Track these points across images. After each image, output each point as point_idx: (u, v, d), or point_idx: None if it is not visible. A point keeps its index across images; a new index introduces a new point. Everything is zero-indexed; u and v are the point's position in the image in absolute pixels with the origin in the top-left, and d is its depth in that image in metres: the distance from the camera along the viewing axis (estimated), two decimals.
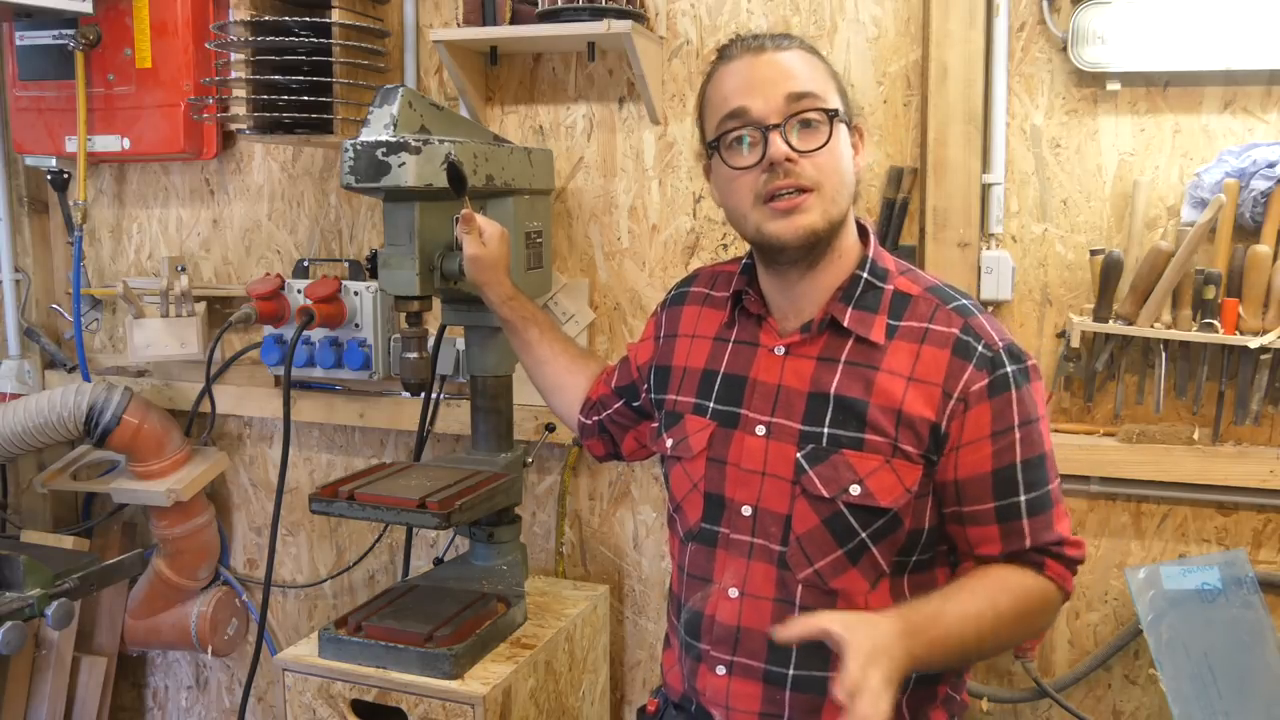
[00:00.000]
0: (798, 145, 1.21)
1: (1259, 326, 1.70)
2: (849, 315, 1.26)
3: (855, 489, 1.21)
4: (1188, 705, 1.71)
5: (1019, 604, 1.21)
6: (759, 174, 1.22)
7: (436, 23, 2.19)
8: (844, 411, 1.23)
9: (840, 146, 1.24)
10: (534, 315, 1.63)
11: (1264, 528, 1.82)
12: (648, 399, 1.50)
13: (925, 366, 1.22)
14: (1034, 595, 1.23)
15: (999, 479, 1.22)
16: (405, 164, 1.54)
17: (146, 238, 2.53)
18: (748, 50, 1.25)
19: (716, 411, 1.33)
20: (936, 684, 1.29)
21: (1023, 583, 1.23)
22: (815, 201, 1.22)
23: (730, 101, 1.24)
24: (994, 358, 1.21)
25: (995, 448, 1.21)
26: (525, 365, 1.67)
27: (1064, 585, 1.25)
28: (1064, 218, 1.86)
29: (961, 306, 1.26)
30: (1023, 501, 1.22)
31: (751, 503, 1.27)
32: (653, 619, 2.21)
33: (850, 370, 1.25)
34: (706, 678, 1.31)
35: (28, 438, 2.26)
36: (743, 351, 1.34)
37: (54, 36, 2.33)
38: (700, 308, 1.44)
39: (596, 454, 1.64)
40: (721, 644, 1.29)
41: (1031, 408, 1.23)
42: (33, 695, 2.37)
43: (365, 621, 1.73)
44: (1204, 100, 1.77)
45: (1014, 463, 1.22)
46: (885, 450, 1.21)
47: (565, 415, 1.66)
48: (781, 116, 1.21)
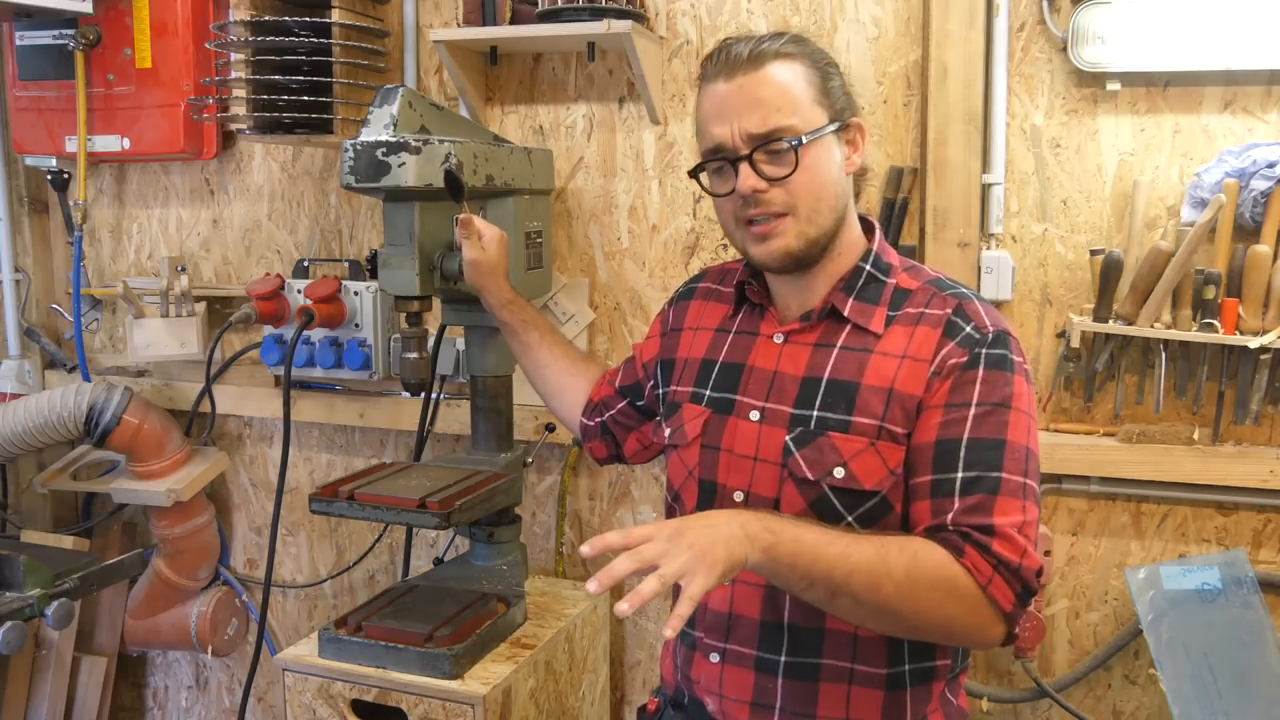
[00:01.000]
0: (767, 173, 1.22)
1: (1259, 326, 1.70)
2: (850, 305, 1.27)
3: (839, 471, 1.20)
4: (1188, 705, 1.71)
5: (910, 568, 1.09)
6: (736, 199, 1.24)
7: (436, 23, 2.19)
8: (835, 394, 1.23)
9: (817, 165, 1.23)
10: (533, 319, 1.64)
11: (1264, 528, 1.82)
12: (653, 396, 1.50)
13: (917, 345, 1.22)
14: (935, 571, 1.10)
15: (940, 449, 1.17)
16: (405, 164, 1.54)
17: (146, 238, 2.53)
18: (720, 73, 1.24)
19: (712, 399, 1.34)
20: (931, 681, 1.27)
21: (926, 552, 1.11)
22: (790, 225, 1.23)
23: (705, 132, 1.26)
24: (978, 339, 1.20)
25: (945, 418, 1.18)
26: (525, 369, 1.67)
27: (985, 585, 1.10)
28: (1064, 218, 1.86)
29: (959, 293, 1.26)
30: (959, 479, 1.15)
31: (743, 488, 1.28)
32: (653, 619, 2.21)
33: (845, 354, 1.26)
34: (700, 665, 1.32)
35: (28, 438, 2.26)
36: (742, 341, 1.36)
37: (54, 36, 2.33)
38: (705, 301, 1.46)
39: (599, 456, 1.65)
40: (714, 631, 1.30)
41: (1000, 392, 1.17)
42: (33, 695, 2.37)
43: (365, 621, 1.73)
44: (1204, 100, 1.77)
45: (960, 437, 1.16)
46: (870, 432, 1.20)
47: (566, 418, 1.67)
48: (749, 147, 1.22)
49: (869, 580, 1.08)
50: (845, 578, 1.08)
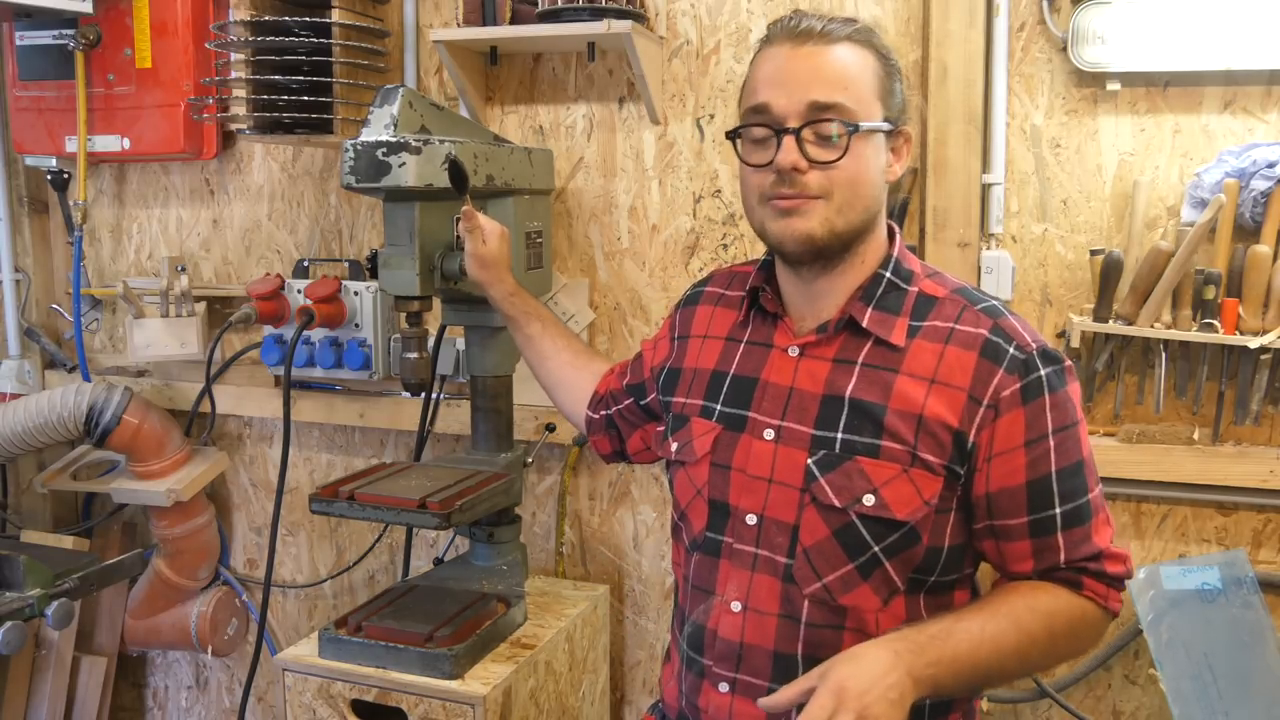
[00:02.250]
0: (811, 155, 1.15)
1: (1259, 326, 1.70)
2: (869, 316, 1.21)
3: (869, 499, 1.14)
4: (1188, 705, 1.71)
5: (1049, 624, 1.13)
6: (770, 174, 1.17)
7: (436, 23, 2.19)
8: (860, 416, 1.16)
9: (862, 159, 1.17)
10: (537, 310, 1.62)
11: (1264, 528, 1.82)
12: (655, 400, 1.46)
13: (949, 369, 1.15)
14: (1068, 615, 1.15)
15: (1033, 491, 1.15)
16: (405, 164, 1.54)
17: (146, 238, 2.53)
18: (790, 36, 1.17)
19: (723, 414, 1.27)
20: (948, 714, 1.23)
21: (1054, 602, 1.15)
22: (819, 208, 1.16)
23: (757, 94, 1.19)
24: (1027, 360, 1.15)
25: (1029, 458, 1.14)
26: (529, 360, 1.65)
27: (1106, 604, 1.18)
28: (1064, 218, 1.86)
29: (991, 307, 1.21)
30: (1058, 514, 1.15)
31: (757, 511, 1.21)
32: (653, 619, 2.21)
33: (867, 373, 1.19)
34: (709, 694, 1.25)
35: (28, 438, 2.26)
36: (755, 352, 1.29)
37: (54, 36, 2.33)
38: (714, 307, 1.39)
39: (603, 451, 1.60)
40: (724, 660, 1.23)
41: (1068, 412, 1.16)
42: (33, 695, 2.37)
43: (365, 621, 1.73)
44: (1204, 100, 1.77)
45: (1049, 473, 1.15)
46: (903, 459, 1.14)
47: (570, 410, 1.63)
48: (800, 120, 1.15)
49: (1018, 660, 1.13)
50: (1000, 671, 1.13)
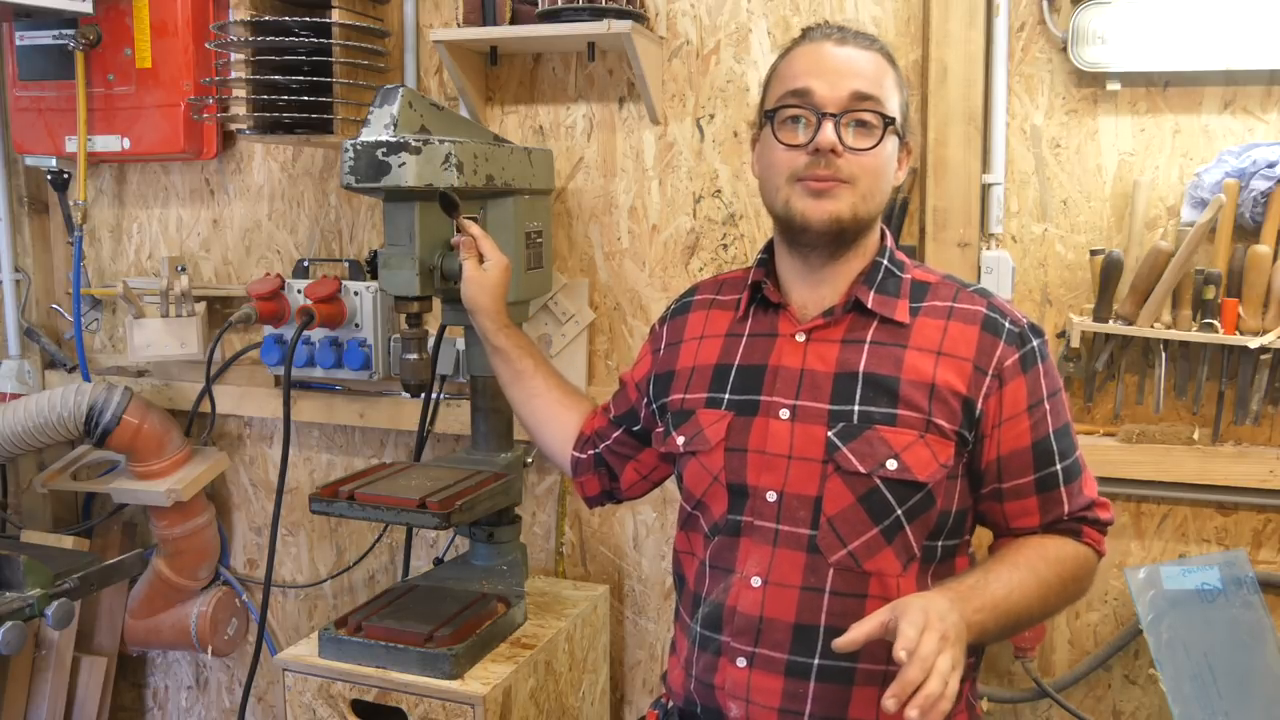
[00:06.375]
0: (848, 141, 1.24)
1: (1259, 326, 1.70)
2: (872, 298, 1.29)
3: (892, 463, 1.22)
4: (1188, 705, 1.71)
5: (1060, 571, 1.25)
6: (803, 155, 1.25)
7: (436, 23, 2.19)
8: (875, 388, 1.25)
9: (886, 154, 1.28)
10: (528, 346, 1.62)
11: (1264, 528, 1.82)
12: (649, 414, 1.47)
13: (954, 341, 1.26)
14: (1074, 561, 1.28)
15: (1038, 451, 1.27)
16: (405, 164, 1.54)
17: (146, 238, 2.53)
18: (830, 38, 1.29)
19: (732, 402, 1.33)
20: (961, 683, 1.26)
21: (1060, 550, 1.28)
22: (848, 192, 1.25)
23: (798, 80, 1.27)
24: (1021, 334, 1.27)
25: (1032, 420, 1.26)
26: (514, 398, 1.64)
27: (1099, 548, 1.32)
28: (1064, 218, 1.86)
29: (981, 289, 1.33)
30: (1059, 470, 1.28)
31: (777, 488, 1.26)
32: (653, 619, 2.21)
33: (877, 349, 1.27)
34: (726, 670, 1.28)
35: (28, 438, 2.26)
36: (759, 343, 1.35)
37: (54, 36, 2.33)
38: (708, 311, 1.45)
39: (590, 493, 1.60)
40: (743, 635, 1.27)
41: (1055, 379, 1.30)
42: (33, 695, 2.37)
43: (365, 621, 1.73)
44: (1204, 100, 1.77)
45: (1048, 434, 1.27)
46: (919, 425, 1.23)
47: (556, 450, 1.62)
48: (840, 108, 1.24)
49: (1041, 605, 1.25)
50: (1027, 616, 1.23)
